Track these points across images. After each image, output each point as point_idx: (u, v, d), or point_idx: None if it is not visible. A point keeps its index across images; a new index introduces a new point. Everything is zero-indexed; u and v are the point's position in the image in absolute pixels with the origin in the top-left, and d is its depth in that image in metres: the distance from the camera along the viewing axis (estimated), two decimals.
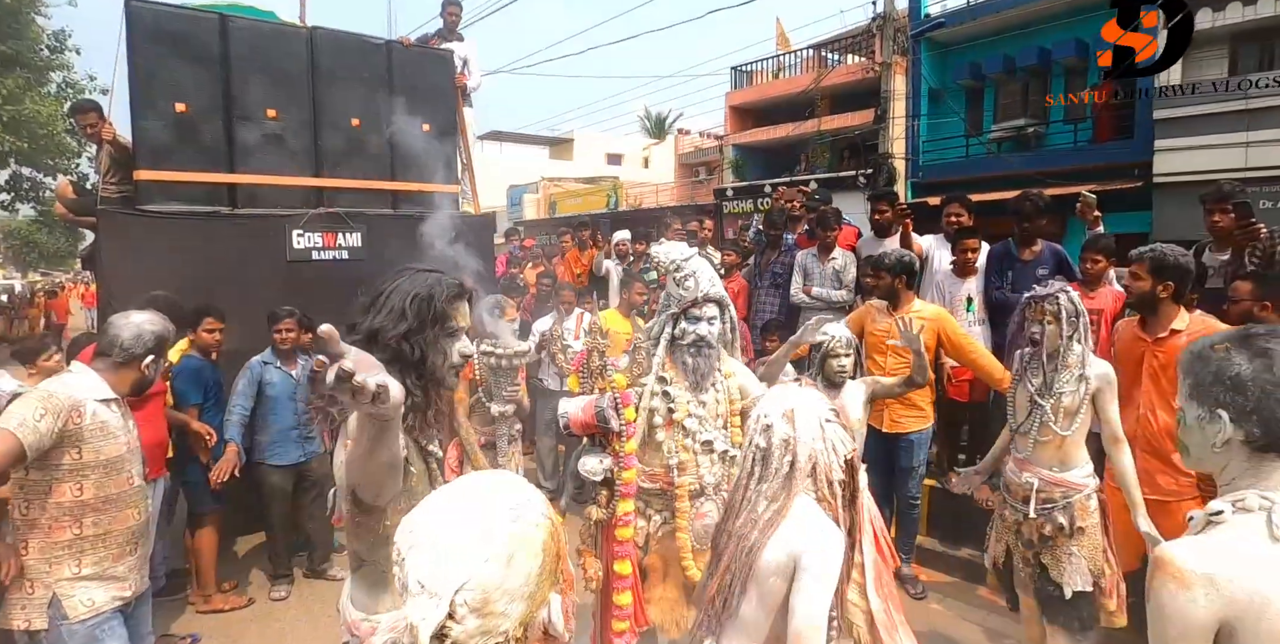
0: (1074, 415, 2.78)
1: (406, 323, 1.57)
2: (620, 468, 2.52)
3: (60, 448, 2.19)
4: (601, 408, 2.50)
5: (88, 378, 2.32)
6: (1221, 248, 3.76)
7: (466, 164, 6.21)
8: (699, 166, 24.61)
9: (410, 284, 1.61)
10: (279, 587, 4.19)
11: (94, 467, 2.26)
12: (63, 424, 2.16)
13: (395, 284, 1.62)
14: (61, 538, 2.24)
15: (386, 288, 1.62)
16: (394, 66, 5.44)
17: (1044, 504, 2.80)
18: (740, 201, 17.36)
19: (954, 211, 4.84)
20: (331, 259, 5.07)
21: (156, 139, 4.61)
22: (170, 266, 4.49)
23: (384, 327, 1.57)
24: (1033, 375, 2.86)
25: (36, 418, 2.11)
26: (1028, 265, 4.30)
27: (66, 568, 2.25)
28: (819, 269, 5.12)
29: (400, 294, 1.60)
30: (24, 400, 2.15)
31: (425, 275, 1.65)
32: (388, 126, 5.36)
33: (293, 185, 5.06)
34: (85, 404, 2.23)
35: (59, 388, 2.23)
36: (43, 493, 2.21)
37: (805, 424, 1.64)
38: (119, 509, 2.34)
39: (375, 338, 1.56)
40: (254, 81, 4.86)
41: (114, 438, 2.31)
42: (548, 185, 25.81)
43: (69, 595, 2.23)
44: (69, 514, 2.24)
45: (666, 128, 33.18)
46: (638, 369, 2.59)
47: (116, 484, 2.32)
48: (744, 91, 19.82)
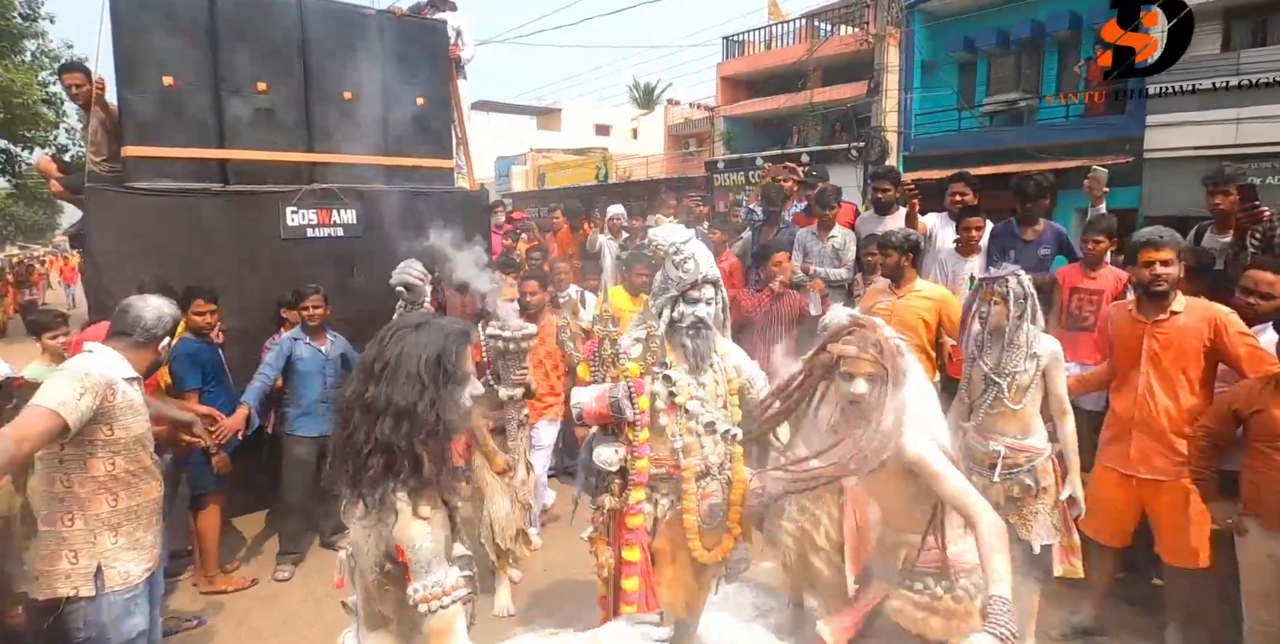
0: (1026, 390, 3.00)
1: (428, 392, 1.50)
2: (634, 456, 2.52)
3: (94, 424, 2.24)
4: (616, 398, 2.48)
5: (113, 357, 2.38)
6: (1222, 230, 3.77)
7: (461, 138, 6.11)
8: (689, 138, 24.40)
9: (414, 345, 1.53)
10: (283, 567, 4.20)
11: (124, 443, 2.34)
12: (99, 402, 2.22)
13: (400, 347, 1.52)
14: (100, 510, 2.33)
15: (389, 353, 1.52)
16: (386, 37, 5.31)
17: (1009, 469, 3.04)
18: (731, 174, 17.28)
19: (958, 190, 4.82)
20: (326, 236, 4.99)
21: (144, 114, 4.47)
22: (162, 245, 4.42)
23: (408, 401, 1.49)
24: (987, 354, 3.05)
25: (77, 396, 2.15)
26: (1030, 245, 4.31)
27: (108, 539, 2.35)
28: (818, 247, 5.10)
29: (410, 359, 1.51)
30: (62, 379, 2.19)
31: (425, 330, 1.56)
32: (381, 100, 5.26)
33: (285, 161, 4.96)
34: (117, 383, 2.30)
35: (93, 367, 2.26)
36: (79, 468, 2.29)
37: None
38: (145, 482, 2.45)
39: (401, 416, 1.49)
40: (243, 54, 4.72)
41: (139, 415, 2.40)
42: (536, 157, 25.55)
43: (111, 566, 2.34)
44: (104, 488, 2.33)
45: (655, 98, 32.79)
46: (651, 357, 2.58)
47: (140, 460, 2.42)
48: (735, 62, 19.61)
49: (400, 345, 1.53)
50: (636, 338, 2.63)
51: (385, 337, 1.56)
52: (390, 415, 1.48)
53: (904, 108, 14.01)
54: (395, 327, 1.58)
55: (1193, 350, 2.98)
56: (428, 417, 1.50)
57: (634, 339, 2.64)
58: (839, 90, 15.99)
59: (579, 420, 2.60)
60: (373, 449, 1.47)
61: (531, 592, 3.98)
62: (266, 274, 4.70)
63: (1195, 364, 2.99)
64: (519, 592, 3.94)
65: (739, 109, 19.18)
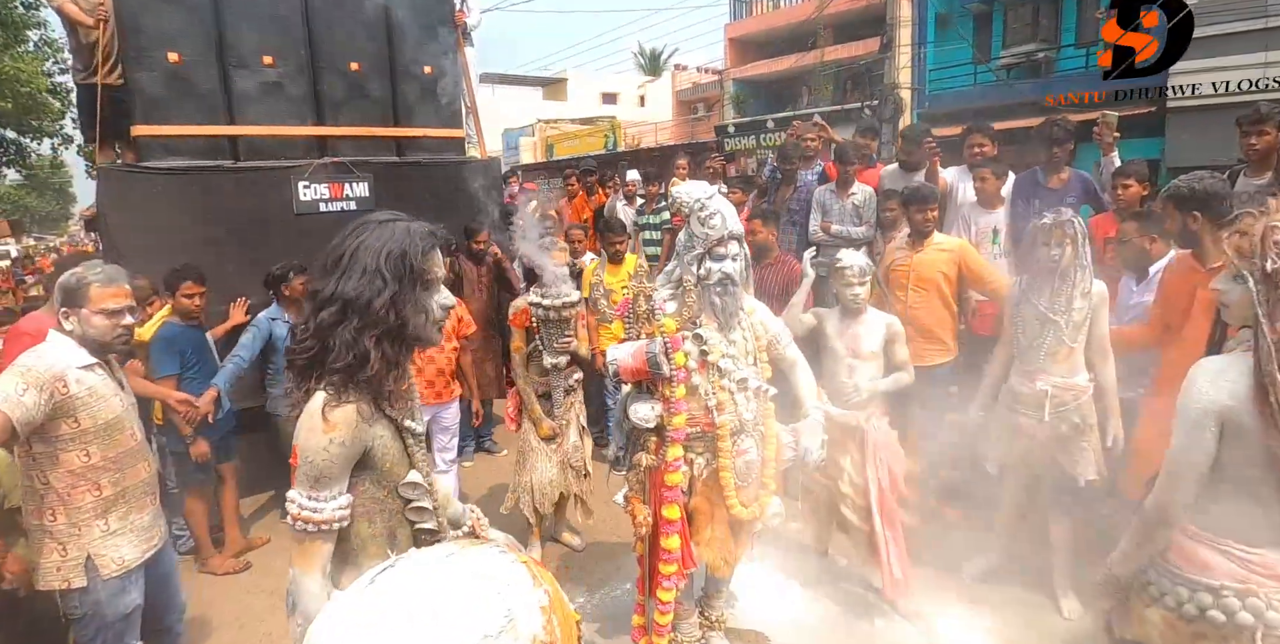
0: (1081, 327, 3.05)
1: (388, 287, 1.43)
2: (670, 413, 2.50)
3: (56, 420, 2.18)
4: (653, 353, 2.45)
5: (63, 346, 2.27)
6: (1259, 171, 3.66)
7: (470, 107, 6.02)
8: (697, 103, 24.06)
9: (377, 239, 1.45)
10: None
11: (94, 432, 2.27)
12: (49, 396, 2.14)
13: (359, 240, 1.45)
14: (84, 502, 2.28)
15: (348, 245, 1.45)
16: (391, 6, 5.20)
17: (1058, 408, 3.09)
18: (742, 138, 17.04)
19: (976, 142, 4.71)
20: (339, 210, 4.95)
21: (151, 92, 4.44)
22: (176, 224, 4.41)
23: (360, 294, 1.42)
24: (1037, 295, 3.09)
25: (20, 392, 2.08)
26: (1054, 193, 4.19)
27: (96, 528, 2.31)
28: (838, 205, 5.01)
29: (369, 252, 1.44)
30: (3, 377, 2.12)
31: (390, 226, 1.48)
32: (389, 70, 5.18)
33: (295, 135, 4.92)
34: (68, 373, 2.20)
35: (35, 361, 2.17)
36: (52, 463, 2.23)
37: None
38: (130, 465, 2.39)
39: (347, 307, 1.42)
40: (248, 27, 4.66)
41: (106, 400, 2.30)
42: (544, 128, 25.32)
43: (101, 554, 2.31)
44: (84, 479, 2.28)
45: (662, 64, 32.31)
46: (687, 312, 2.55)
47: (120, 443, 2.35)
48: (744, 22, 19.22)
49: (360, 239, 1.46)
50: (672, 293, 2.61)
51: (347, 230, 1.49)
52: (336, 306, 1.43)
53: (918, 63, 13.69)
54: (360, 221, 1.50)
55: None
56: (385, 315, 1.44)
57: (668, 295, 2.61)
58: (851, 48, 15.65)
59: (615, 377, 2.57)
60: (308, 337, 1.44)
61: (562, 554, 4.01)
62: (280, 250, 4.68)
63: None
64: (550, 555, 3.98)
65: (748, 71, 18.85)
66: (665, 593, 2.61)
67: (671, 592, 2.62)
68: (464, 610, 0.78)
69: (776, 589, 3.54)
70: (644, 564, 2.70)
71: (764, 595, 3.46)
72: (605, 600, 3.54)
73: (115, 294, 2.33)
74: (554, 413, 3.78)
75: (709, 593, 2.99)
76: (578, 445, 3.84)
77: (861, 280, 3.28)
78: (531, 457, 3.78)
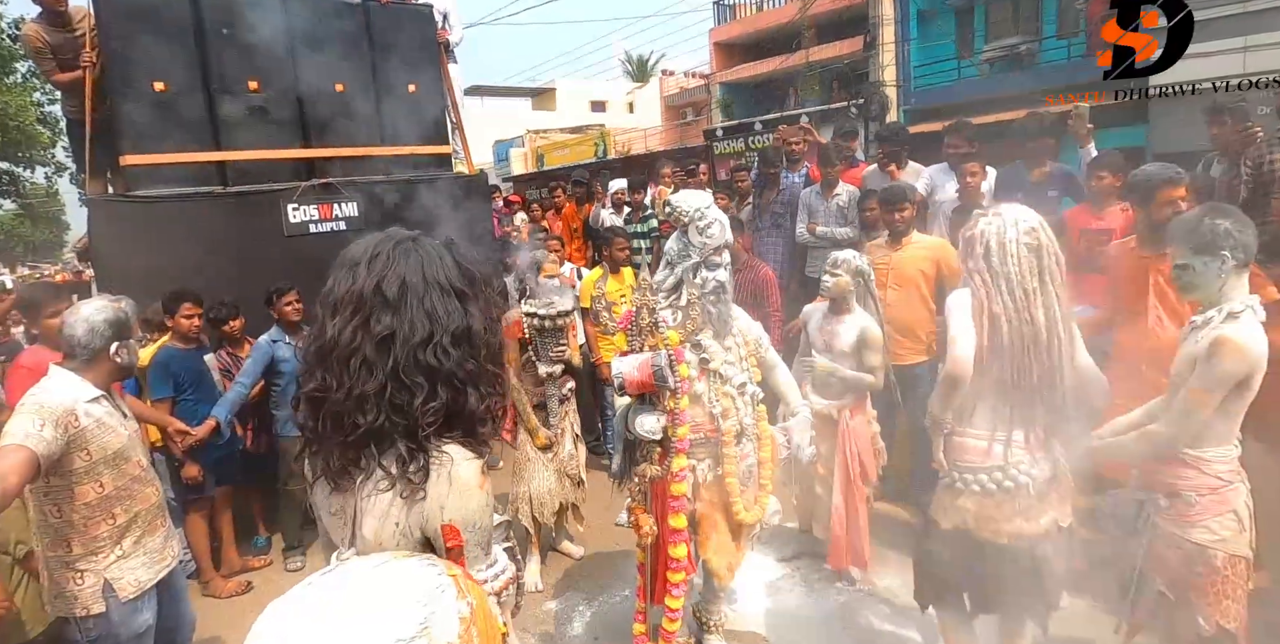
0: None
1: (473, 305, 1.24)
2: (675, 424, 2.55)
3: (70, 453, 2.23)
4: (659, 366, 2.49)
5: (68, 381, 2.33)
6: (1222, 158, 3.72)
7: (456, 123, 6.07)
8: (685, 108, 24.13)
9: (424, 259, 1.23)
10: (294, 559, 4.30)
11: (105, 462, 2.33)
12: (65, 430, 2.19)
13: (395, 270, 1.21)
14: (100, 532, 2.35)
15: (388, 277, 1.20)
16: (373, 26, 5.26)
17: None
18: (731, 141, 17.06)
19: (952, 143, 4.76)
20: (330, 230, 4.99)
21: (139, 121, 4.49)
22: (167, 251, 4.44)
23: (457, 322, 1.21)
24: None
25: (38, 428, 2.13)
26: (1038, 187, 4.24)
27: (112, 553, 2.38)
28: (823, 206, 5.06)
29: (434, 271, 1.22)
30: (20, 416, 2.17)
31: (420, 244, 1.26)
32: (373, 89, 5.23)
33: (283, 158, 4.96)
34: (77, 407, 2.26)
35: (45, 397, 2.23)
36: (68, 497, 2.28)
37: None
38: (139, 491, 2.46)
39: (456, 341, 1.20)
40: (231, 53, 4.71)
41: (114, 431, 2.37)
42: (533, 138, 25.35)
43: (119, 578, 2.38)
44: (100, 510, 2.34)
45: (649, 70, 32.42)
46: (691, 324, 2.61)
47: (128, 471, 2.41)
48: (728, 26, 19.31)
49: (396, 269, 1.21)
50: (668, 303, 2.67)
51: (362, 260, 1.22)
52: (438, 342, 1.18)
53: (902, 60, 13.76)
54: (368, 251, 1.23)
55: None
56: (488, 336, 1.24)
57: (664, 305, 2.67)
58: (835, 48, 15.72)
59: (620, 390, 2.61)
60: (428, 390, 1.17)
61: (561, 566, 4.04)
62: (271, 273, 4.70)
63: None
64: (551, 567, 4.01)
65: (734, 74, 18.93)
66: (674, 600, 2.64)
67: (681, 599, 2.65)
68: (382, 614, 0.80)
69: (774, 589, 3.57)
70: (645, 572, 2.73)
71: (761, 596, 3.49)
72: (605, 608, 3.57)
73: (138, 323, 2.52)
74: (549, 422, 3.82)
75: (707, 598, 3.02)
76: (573, 454, 3.88)
77: (833, 270, 3.38)
78: (529, 467, 3.81)
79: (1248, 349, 2.01)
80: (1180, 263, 2.15)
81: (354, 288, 1.20)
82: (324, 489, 1.25)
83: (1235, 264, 2.08)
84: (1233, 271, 2.09)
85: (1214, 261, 2.08)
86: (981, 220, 2.33)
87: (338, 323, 1.18)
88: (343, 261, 1.25)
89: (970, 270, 2.30)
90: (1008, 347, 2.17)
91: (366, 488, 1.18)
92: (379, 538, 1.17)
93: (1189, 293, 2.23)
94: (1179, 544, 2.17)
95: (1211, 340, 2.04)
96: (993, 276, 2.22)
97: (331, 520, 1.26)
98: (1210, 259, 2.08)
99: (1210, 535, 2.13)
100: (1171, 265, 2.21)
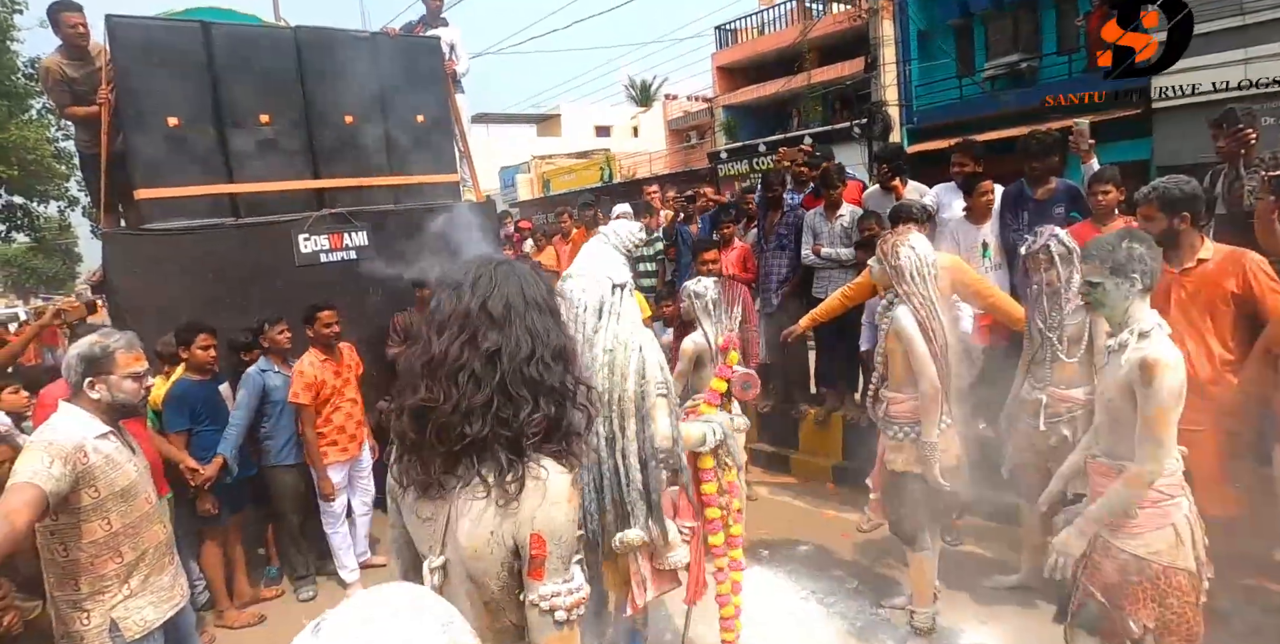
0: (1078, 343, 3.11)
1: (557, 324, 1.33)
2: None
3: (78, 490, 2.22)
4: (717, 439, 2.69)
5: (77, 417, 2.33)
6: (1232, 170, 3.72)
7: (464, 151, 6.15)
8: (689, 131, 24.35)
9: (524, 281, 1.32)
10: (305, 588, 4.29)
11: (113, 499, 2.31)
12: (72, 467, 2.18)
13: (500, 289, 1.29)
14: (107, 570, 2.32)
15: (499, 291, 1.29)
16: (382, 59, 5.35)
17: (1050, 418, 3.15)
18: (735, 163, 17.23)
19: (959, 161, 4.75)
20: (340, 260, 5.05)
21: (152, 155, 4.56)
22: (181, 283, 4.51)
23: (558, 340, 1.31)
24: (1036, 311, 3.18)
25: (47, 465, 2.13)
26: (1043, 204, 4.24)
27: (119, 592, 2.35)
28: (827, 228, 5.08)
29: (534, 291, 1.32)
30: (29, 453, 2.17)
31: (514, 264, 1.36)
32: (382, 120, 5.31)
33: (293, 189, 5.03)
34: (86, 443, 2.26)
35: (53, 434, 2.23)
36: (75, 535, 2.26)
37: None
38: (146, 528, 2.43)
39: (557, 356, 1.30)
40: (243, 87, 4.80)
41: (122, 467, 2.36)
42: (539, 164, 25.62)
43: (125, 618, 2.34)
44: (107, 548, 2.31)
45: (652, 94, 32.77)
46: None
47: (137, 508, 2.40)
48: (730, 50, 19.53)
49: (506, 284, 1.30)
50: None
51: (466, 282, 1.30)
52: (546, 355, 1.27)
53: (903, 80, 13.87)
54: (471, 273, 1.32)
55: (1221, 298, 2.93)
56: (575, 353, 1.35)
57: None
58: (837, 69, 15.88)
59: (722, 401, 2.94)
60: (532, 402, 1.24)
61: None
62: (283, 302, 4.73)
63: (1225, 313, 2.95)
64: None
65: (738, 97, 19.11)
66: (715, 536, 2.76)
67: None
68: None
69: (788, 609, 3.54)
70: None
71: (777, 616, 3.46)
72: None
73: (138, 358, 2.43)
74: None
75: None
76: None
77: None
78: None
79: (1176, 364, 2.12)
80: (1094, 280, 2.26)
81: (460, 307, 1.27)
82: (412, 496, 1.30)
83: (1141, 288, 2.20)
84: (1138, 295, 2.21)
85: (1125, 283, 2.19)
86: (903, 251, 3.03)
87: (445, 339, 1.25)
88: (446, 283, 1.33)
89: (907, 293, 3.01)
90: (940, 348, 2.95)
91: (463, 496, 1.23)
92: (473, 544, 1.22)
93: (1095, 309, 2.40)
94: (1116, 554, 2.23)
95: (1140, 364, 2.13)
96: (924, 299, 2.97)
97: (421, 527, 1.31)
98: (1122, 280, 2.20)
99: (1147, 548, 2.18)
100: (1083, 280, 2.36)
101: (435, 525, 1.28)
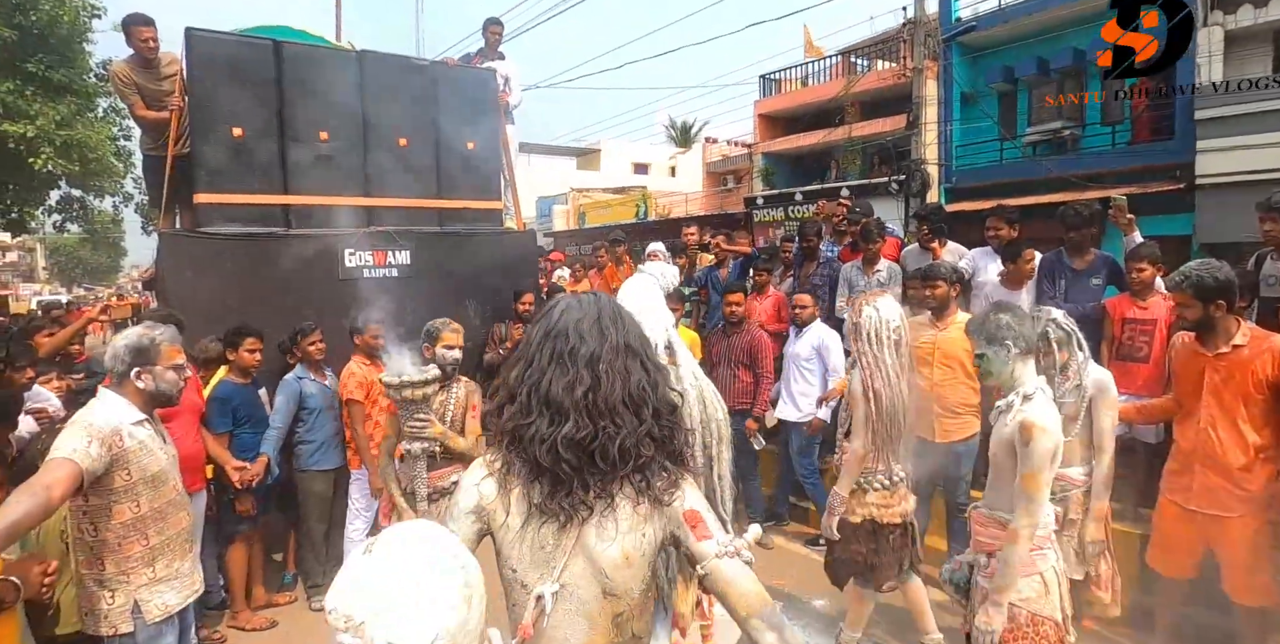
0: (1074, 421, 3.05)
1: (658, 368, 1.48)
2: None
3: (111, 472, 2.31)
4: None
5: (116, 403, 2.44)
6: None
7: (510, 180, 6.30)
8: (727, 175, 24.62)
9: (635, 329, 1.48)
10: (319, 597, 4.29)
11: (143, 483, 2.41)
12: (108, 448, 2.28)
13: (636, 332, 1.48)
14: (134, 552, 2.42)
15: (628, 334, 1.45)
16: (439, 86, 5.55)
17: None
18: (771, 210, 17.34)
19: (993, 226, 4.79)
20: (381, 276, 5.17)
21: (214, 162, 4.75)
22: (228, 287, 4.65)
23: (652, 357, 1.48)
24: None
25: (86, 444, 2.22)
26: (1080, 274, 4.26)
27: (143, 575, 2.44)
28: (864, 281, 5.12)
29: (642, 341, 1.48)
30: (69, 431, 2.27)
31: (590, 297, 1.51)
32: (434, 145, 5.47)
33: (344, 205, 5.18)
34: (122, 428, 2.36)
35: (93, 417, 2.33)
36: (105, 515, 2.36)
37: None
38: (173, 514, 2.54)
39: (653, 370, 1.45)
40: (306, 104, 5.00)
41: (154, 454, 2.46)
42: (576, 196, 25.96)
43: (148, 600, 2.44)
44: (134, 530, 2.41)
45: (692, 136, 33.25)
46: None
47: (164, 495, 2.49)
48: (773, 99, 19.81)
49: (628, 321, 1.49)
50: None
51: (598, 322, 1.44)
52: (667, 383, 1.47)
53: (944, 139, 13.99)
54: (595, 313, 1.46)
55: (1255, 383, 2.91)
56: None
57: None
58: (877, 124, 16.03)
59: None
60: (673, 424, 1.44)
61: None
62: (325, 313, 4.85)
63: (1258, 398, 2.92)
64: None
65: (777, 145, 19.33)
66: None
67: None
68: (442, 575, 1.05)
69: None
70: None
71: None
72: None
73: (179, 351, 2.57)
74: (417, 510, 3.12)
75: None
76: None
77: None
78: None
79: (1050, 428, 2.32)
80: (978, 352, 2.54)
81: (606, 346, 1.42)
82: (535, 525, 1.38)
83: (1018, 352, 2.45)
84: (1017, 358, 2.46)
85: (1001, 350, 2.45)
86: (866, 310, 3.12)
87: (602, 377, 1.39)
88: (573, 324, 1.44)
89: (859, 352, 3.14)
90: (886, 410, 3.08)
91: (606, 514, 1.37)
92: (624, 550, 1.36)
93: (985, 379, 2.62)
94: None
95: (1019, 425, 2.34)
96: (875, 360, 3.08)
97: (532, 555, 1.39)
98: (998, 348, 2.46)
99: (1016, 595, 2.36)
100: (973, 355, 2.61)
101: (556, 552, 1.37)
